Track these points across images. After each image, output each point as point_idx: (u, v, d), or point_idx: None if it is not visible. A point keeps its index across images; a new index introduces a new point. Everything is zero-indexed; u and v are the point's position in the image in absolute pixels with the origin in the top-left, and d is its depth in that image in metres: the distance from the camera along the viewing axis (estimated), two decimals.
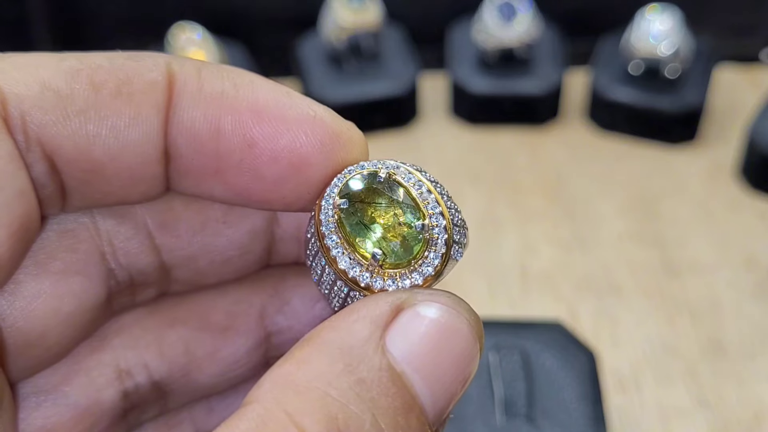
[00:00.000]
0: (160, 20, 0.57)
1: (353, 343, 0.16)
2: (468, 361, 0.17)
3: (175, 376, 0.21)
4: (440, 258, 0.18)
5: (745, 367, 0.41)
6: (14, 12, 0.60)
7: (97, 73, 0.17)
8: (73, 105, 0.17)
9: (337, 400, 0.15)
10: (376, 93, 0.54)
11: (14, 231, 0.17)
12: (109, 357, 0.20)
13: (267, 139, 0.18)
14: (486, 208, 0.51)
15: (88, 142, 0.17)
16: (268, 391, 0.16)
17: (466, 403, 0.35)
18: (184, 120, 0.18)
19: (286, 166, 0.18)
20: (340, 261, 0.18)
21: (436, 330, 0.17)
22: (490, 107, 0.56)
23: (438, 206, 0.18)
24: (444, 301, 0.17)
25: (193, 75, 0.18)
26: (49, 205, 0.18)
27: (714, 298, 0.45)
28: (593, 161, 0.54)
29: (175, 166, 0.18)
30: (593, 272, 0.47)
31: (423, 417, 0.17)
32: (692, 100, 0.53)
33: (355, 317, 0.17)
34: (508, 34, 0.55)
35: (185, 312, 0.21)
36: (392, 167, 0.18)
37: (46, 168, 0.17)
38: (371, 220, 0.18)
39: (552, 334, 0.37)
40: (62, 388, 0.19)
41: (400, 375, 0.16)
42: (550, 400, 0.34)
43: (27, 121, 0.17)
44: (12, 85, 0.17)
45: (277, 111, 0.18)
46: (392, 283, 0.18)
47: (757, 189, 0.51)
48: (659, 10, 0.54)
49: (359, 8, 0.55)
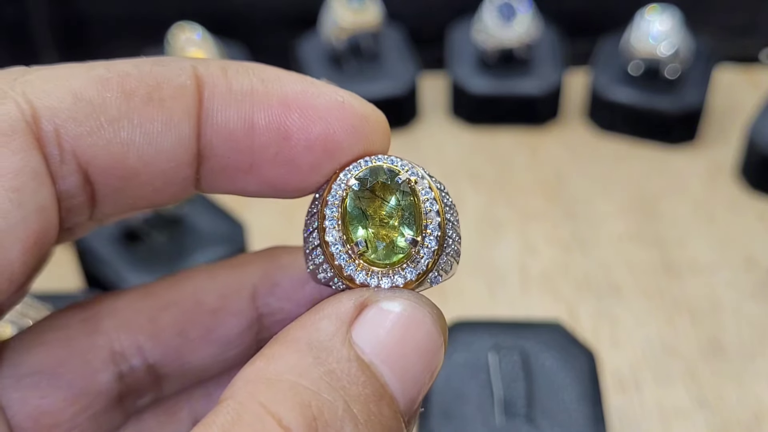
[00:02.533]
0: (160, 20, 0.57)
1: (320, 338, 0.17)
2: (433, 352, 0.18)
3: (169, 359, 0.21)
4: (415, 276, 0.18)
5: (745, 367, 0.41)
6: (15, 13, 0.60)
7: (126, 81, 0.18)
8: (106, 114, 0.17)
9: (308, 389, 0.16)
10: (376, 93, 0.54)
11: (29, 246, 0.17)
12: (103, 339, 0.20)
13: (301, 129, 0.18)
14: (486, 208, 0.51)
15: (122, 149, 0.18)
16: (241, 387, 0.16)
17: (466, 403, 0.35)
18: (218, 120, 0.18)
19: (321, 152, 0.18)
20: (328, 232, 0.18)
21: (401, 323, 0.17)
22: (490, 107, 0.56)
23: (438, 230, 0.18)
24: (407, 297, 0.18)
25: (219, 76, 0.18)
26: (77, 213, 0.18)
27: (714, 298, 0.45)
28: (593, 161, 0.54)
29: (209, 166, 0.19)
30: (593, 272, 0.47)
31: (394, 405, 0.17)
32: (692, 100, 0.53)
33: (320, 315, 0.17)
34: (508, 35, 0.55)
35: (178, 294, 0.21)
36: (417, 175, 0.18)
37: (79, 179, 0.18)
38: (372, 213, 0.18)
39: (552, 334, 0.37)
40: (57, 370, 0.20)
41: (369, 365, 0.17)
42: (550, 400, 0.34)
43: (61, 133, 0.17)
44: (43, 98, 0.17)
45: (307, 101, 0.18)
46: (363, 275, 0.18)
47: (757, 189, 0.51)
48: (659, 10, 0.54)
49: (359, 8, 0.55)
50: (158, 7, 0.60)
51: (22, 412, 0.19)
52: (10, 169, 0.16)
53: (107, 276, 0.42)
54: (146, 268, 0.43)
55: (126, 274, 0.42)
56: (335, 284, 0.18)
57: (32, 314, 0.36)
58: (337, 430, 0.16)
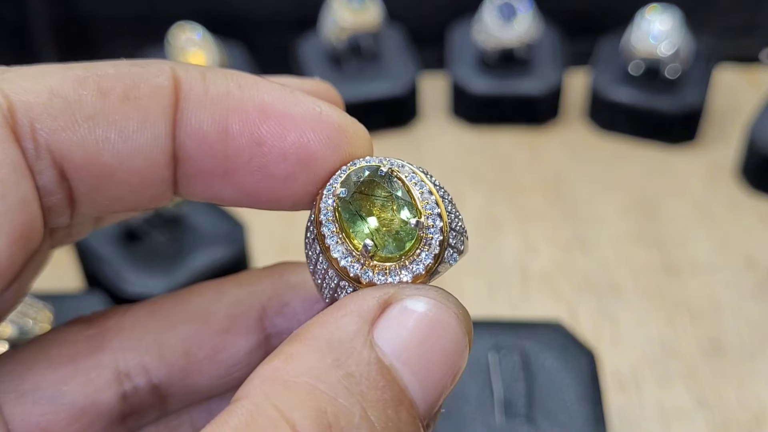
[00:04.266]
0: (160, 20, 0.57)
1: (341, 338, 0.16)
2: (457, 355, 0.17)
3: (174, 379, 0.21)
4: (432, 258, 0.18)
5: (745, 367, 0.41)
6: (15, 13, 0.60)
7: (103, 80, 0.18)
8: (81, 111, 0.17)
9: (325, 394, 0.16)
10: (376, 93, 0.54)
11: (15, 239, 0.17)
12: (108, 358, 0.20)
13: (275, 136, 0.18)
14: (486, 208, 0.51)
15: (97, 146, 0.18)
16: (256, 387, 0.16)
17: (466, 403, 0.35)
18: (192, 123, 0.18)
19: (295, 162, 0.18)
20: (333, 250, 0.18)
21: (425, 324, 0.17)
22: (490, 107, 0.56)
23: (437, 208, 0.18)
24: (432, 295, 0.17)
25: (197, 78, 0.18)
26: (58, 213, 0.18)
27: (714, 298, 0.45)
28: (593, 161, 0.54)
29: (183, 170, 0.19)
30: (593, 272, 0.47)
31: (413, 410, 0.17)
32: (692, 100, 0.53)
33: (342, 312, 0.17)
34: (508, 34, 0.55)
35: (185, 314, 0.21)
36: (397, 165, 0.18)
37: (55, 175, 0.18)
38: (368, 212, 0.18)
39: (552, 334, 0.37)
40: (60, 387, 0.19)
41: (389, 368, 0.16)
42: (550, 400, 0.34)
43: (36, 128, 0.17)
44: (20, 93, 0.17)
45: (283, 109, 0.18)
46: (382, 276, 0.18)
47: (757, 189, 0.51)
48: (659, 10, 0.54)
49: (359, 8, 0.55)
50: (158, 7, 0.60)
51: (23, 428, 0.19)
52: None
53: (107, 276, 0.42)
54: (146, 268, 0.43)
55: (126, 274, 0.42)
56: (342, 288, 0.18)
57: (32, 314, 0.36)
58: None
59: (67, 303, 0.40)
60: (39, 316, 0.36)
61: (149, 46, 0.57)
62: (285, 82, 0.20)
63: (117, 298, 0.42)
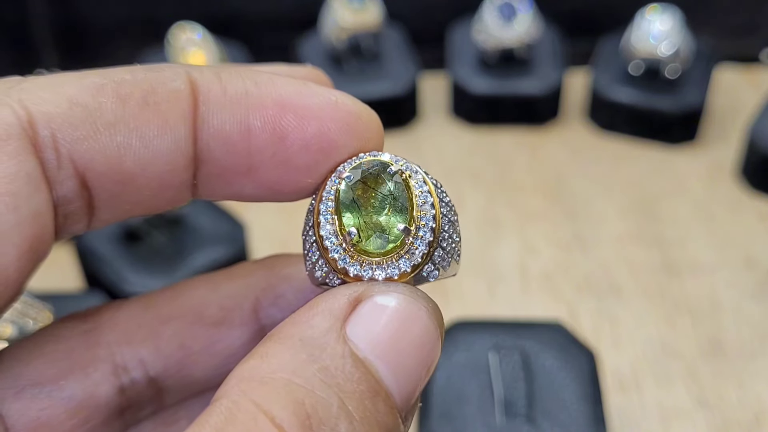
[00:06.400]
0: (160, 21, 0.57)
1: (314, 335, 0.17)
2: (430, 346, 0.18)
3: (170, 371, 0.21)
4: (410, 267, 0.18)
5: (745, 367, 0.41)
6: (15, 13, 0.60)
7: (121, 86, 0.18)
8: (102, 119, 0.17)
9: (302, 387, 0.16)
10: (376, 93, 0.54)
11: (25, 251, 0.17)
12: (105, 352, 0.20)
13: (296, 129, 0.19)
14: (486, 209, 0.51)
15: (119, 153, 0.18)
16: (234, 386, 0.16)
17: (466, 403, 0.35)
18: (214, 124, 0.18)
19: (317, 151, 0.19)
20: (322, 226, 0.18)
21: (396, 318, 0.17)
22: (490, 107, 0.56)
23: (432, 222, 0.18)
24: (401, 290, 0.18)
25: (213, 80, 0.19)
26: (75, 220, 0.18)
27: (714, 298, 0.45)
28: (593, 161, 0.54)
29: (206, 170, 0.19)
30: (593, 272, 0.47)
31: (390, 401, 0.17)
32: (692, 100, 0.53)
33: (314, 311, 0.17)
34: (508, 34, 0.55)
35: (179, 307, 0.21)
36: (411, 169, 0.19)
37: (76, 184, 0.18)
38: (364, 203, 0.18)
39: (552, 334, 0.37)
40: (57, 382, 0.20)
41: (363, 361, 0.17)
42: (550, 400, 0.34)
43: (58, 138, 0.17)
44: (39, 104, 0.17)
45: (301, 101, 0.19)
46: (356, 267, 0.18)
47: (757, 189, 0.51)
48: (659, 10, 0.54)
49: (359, 8, 0.55)
50: (158, 7, 0.60)
51: (21, 423, 0.19)
52: (5, 173, 0.16)
53: (107, 276, 0.42)
54: (146, 268, 0.43)
55: (126, 274, 0.42)
56: (331, 281, 0.18)
57: (32, 314, 0.36)
58: (331, 427, 0.16)
59: (67, 303, 0.40)
60: (39, 316, 0.36)
61: (150, 47, 0.57)
62: (277, 69, 0.20)
63: (117, 298, 0.42)
